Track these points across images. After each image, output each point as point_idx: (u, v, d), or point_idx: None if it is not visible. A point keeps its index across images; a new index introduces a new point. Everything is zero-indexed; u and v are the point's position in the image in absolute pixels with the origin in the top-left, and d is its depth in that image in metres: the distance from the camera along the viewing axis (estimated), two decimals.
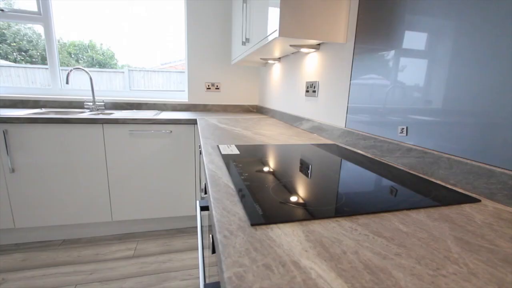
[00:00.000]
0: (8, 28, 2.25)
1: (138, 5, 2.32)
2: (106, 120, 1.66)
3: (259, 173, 0.66)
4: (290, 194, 0.54)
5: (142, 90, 2.63)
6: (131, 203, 1.82)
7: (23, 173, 1.62)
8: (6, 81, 2.47)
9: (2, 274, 1.49)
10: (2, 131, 1.54)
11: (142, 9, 2.36)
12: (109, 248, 1.76)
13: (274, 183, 0.60)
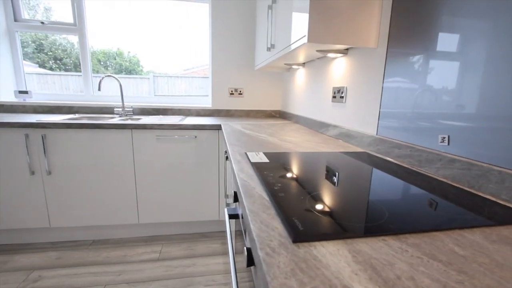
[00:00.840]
0: (45, 38, 2.40)
1: (164, 13, 2.40)
2: (135, 126, 1.71)
3: (292, 183, 0.65)
4: (327, 207, 0.52)
5: (166, 95, 2.70)
6: (157, 206, 1.87)
7: (59, 175, 1.71)
8: (44, 88, 2.64)
9: (38, 271, 1.58)
10: (41, 135, 1.63)
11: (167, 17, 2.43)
12: (135, 250, 1.80)
13: (309, 195, 0.58)
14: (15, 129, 1.61)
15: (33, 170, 1.68)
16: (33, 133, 1.63)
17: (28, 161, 1.65)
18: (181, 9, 2.42)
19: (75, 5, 2.20)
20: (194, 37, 2.52)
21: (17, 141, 1.63)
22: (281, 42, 1.39)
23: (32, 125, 1.61)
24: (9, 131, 1.61)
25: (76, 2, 2.18)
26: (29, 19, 2.20)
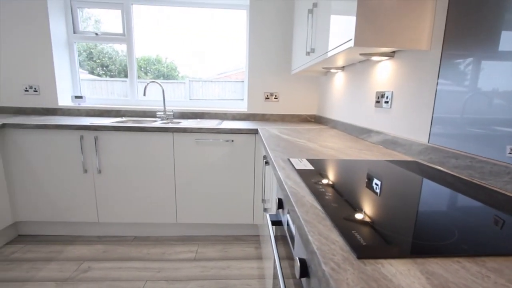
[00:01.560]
0: (95, 47, 2.62)
1: (201, 20, 2.51)
2: (176, 129, 1.79)
3: (343, 193, 0.62)
4: (385, 221, 0.49)
5: (200, 99, 2.80)
6: (194, 207, 1.93)
7: (107, 174, 1.85)
8: (93, 93, 2.88)
9: (88, 262, 1.71)
10: (94, 137, 1.78)
11: (203, 24, 2.53)
12: (173, 249, 1.88)
13: (365, 207, 0.55)
14: (72, 131, 1.78)
15: (86, 169, 1.83)
16: (87, 134, 1.78)
17: (82, 160, 1.81)
18: (217, 16, 2.51)
19: (124, 16, 2.37)
20: (228, 42, 2.59)
21: (74, 142, 1.79)
22: (322, 46, 1.37)
23: (86, 127, 1.76)
24: (68, 133, 1.78)
25: (126, 14, 2.36)
26: (85, 31, 2.42)
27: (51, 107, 2.30)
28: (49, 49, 2.22)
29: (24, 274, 1.58)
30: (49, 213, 1.89)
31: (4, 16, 2.16)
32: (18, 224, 1.95)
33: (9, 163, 1.80)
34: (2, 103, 2.30)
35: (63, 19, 2.31)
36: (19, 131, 1.77)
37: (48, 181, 1.84)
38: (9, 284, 1.50)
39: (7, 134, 1.77)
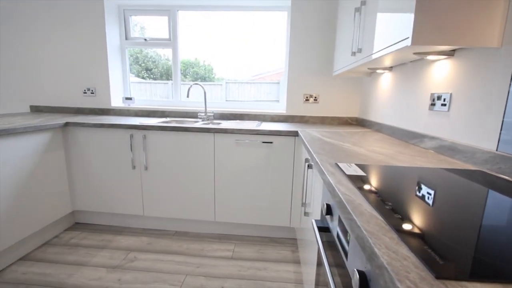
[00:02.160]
0: (140, 52, 2.80)
1: (238, 23, 2.55)
2: (217, 130, 1.84)
3: (403, 203, 0.58)
4: (460, 236, 0.44)
5: (236, 100, 2.85)
6: (232, 206, 1.96)
7: (153, 171, 1.96)
8: (139, 95, 3.09)
9: (134, 253, 1.83)
10: (142, 136, 1.90)
11: (241, 26, 2.57)
12: (211, 246, 1.93)
13: (431, 220, 0.51)
14: (123, 130, 1.92)
15: (134, 165, 1.96)
16: (136, 133, 1.91)
17: (132, 157, 1.94)
18: (253, 19, 2.53)
19: (170, 22, 2.50)
20: (263, 44, 2.61)
21: (124, 140, 1.93)
22: (370, 46, 1.30)
23: (136, 126, 1.89)
24: (119, 131, 1.92)
25: (172, 20, 2.49)
26: (136, 37, 2.60)
27: (105, 108, 2.52)
28: (105, 55, 2.43)
29: (81, 258, 1.74)
30: (101, 204, 2.06)
31: (66, 26, 2.41)
32: (75, 212, 2.16)
33: (70, 158, 2.01)
34: (65, 104, 2.57)
35: (117, 26, 2.51)
36: (79, 129, 1.96)
37: (101, 175, 2.01)
38: (69, 267, 1.66)
39: (69, 132, 1.97)
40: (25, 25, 2.46)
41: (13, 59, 2.54)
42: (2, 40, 2.51)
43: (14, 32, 2.49)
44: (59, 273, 1.60)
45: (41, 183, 1.79)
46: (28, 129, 1.64)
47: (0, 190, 1.53)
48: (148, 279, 1.57)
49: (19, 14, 2.45)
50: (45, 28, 2.44)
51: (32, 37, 2.48)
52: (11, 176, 1.59)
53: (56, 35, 2.45)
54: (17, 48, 2.51)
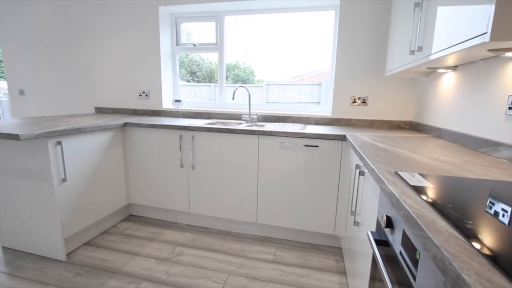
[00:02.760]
0: (186, 57, 2.94)
1: (280, 25, 2.54)
2: (262, 132, 1.85)
3: (487, 222, 0.51)
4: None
5: (276, 102, 2.84)
6: (274, 209, 1.95)
7: (199, 170, 2.04)
8: (184, 97, 3.26)
9: (181, 247, 1.92)
10: (191, 136, 1.99)
11: (283, 28, 2.56)
12: (252, 247, 1.94)
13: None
14: (174, 130, 2.03)
15: (183, 164, 2.06)
16: (185, 134, 2.01)
17: (180, 156, 2.05)
18: (296, 20, 2.49)
19: (218, 27, 2.59)
20: (304, 45, 2.55)
21: (174, 140, 2.05)
22: (432, 44, 1.19)
23: (185, 127, 1.99)
24: (170, 132, 2.04)
25: (219, 25, 2.57)
26: (186, 42, 2.74)
27: (157, 109, 2.70)
28: (158, 60, 2.61)
29: (134, 248, 1.89)
30: (152, 199, 2.21)
31: (125, 34, 2.64)
32: (130, 205, 2.35)
33: (127, 155, 2.19)
34: (123, 105, 2.82)
35: (169, 33, 2.68)
36: (135, 129, 2.13)
37: (153, 172, 2.15)
38: (124, 255, 1.81)
39: (127, 131, 2.15)
40: (92, 37, 2.76)
41: (82, 66, 2.87)
42: (74, 51, 2.85)
43: (83, 43, 2.81)
44: (116, 260, 1.75)
45: (103, 177, 1.99)
46: (94, 128, 1.83)
47: (73, 181, 1.72)
48: (193, 274, 1.64)
49: (87, 27, 2.76)
50: (107, 37, 2.71)
51: (96, 46, 2.77)
52: (81, 169, 1.79)
53: (116, 43, 2.70)
54: (84, 57, 2.83)
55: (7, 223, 1.79)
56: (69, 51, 2.88)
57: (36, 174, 1.62)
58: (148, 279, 1.59)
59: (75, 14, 2.77)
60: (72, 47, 2.86)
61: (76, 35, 2.82)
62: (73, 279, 1.57)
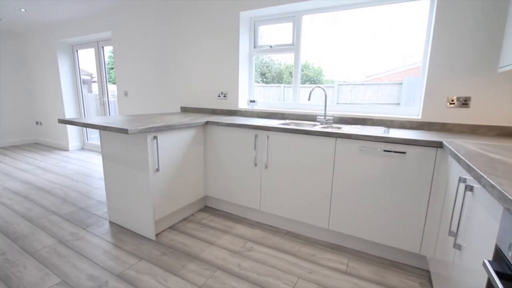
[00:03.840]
0: (257, 58, 3.01)
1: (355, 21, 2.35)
2: (340, 135, 1.75)
3: None
4: None
5: (348, 103, 2.65)
6: (348, 217, 1.83)
7: (272, 170, 2.07)
8: (256, 98, 3.35)
9: (251, 243, 1.98)
10: (266, 136, 2.04)
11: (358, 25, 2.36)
12: (323, 254, 1.86)
13: None
14: (249, 130, 2.11)
15: (256, 163, 2.13)
16: (260, 134, 2.07)
17: (255, 155, 2.12)
18: (377, 13, 2.27)
19: (295, 28, 2.58)
20: (383, 41, 2.30)
21: (250, 139, 2.12)
22: None
23: (260, 127, 2.04)
24: (246, 131, 2.13)
25: (296, 25, 2.56)
26: (262, 45, 2.82)
27: (233, 109, 2.86)
28: (236, 63, 2.76)
29: (210, 238, 2.04)
30: (226, 193, 2.35)
31: (208, 38, 2.87)
32: (206, 197, 2.55)
33: (206, 151, 2.38)
34: (204, 105, 3.08)
35: (247, 36, 2.80)
36: (215, 127, 2.29)
37: (228, 168, 2.28)
38: (201, 243, 1.97)
39: (208, 129, 2.34)
40: (180, 43, 3.10)
41: (172, 70, 3.25)
42: (166, 56, 3.25)
43: (173, 49, 3.17)
44: (194, 246, 1.92)
45: (187, 169, 2.20)
46: (182, 125, 2.05)
47: (164, 171, 1.97)
48: (264, 272, 1.67)
49: (177, 34, 3.11)
50: (193, 43, 3.00)
51: (184, 50, 3.09)
52: (170, 162, 2.02)
53: (200, 48, 2.96)
54: (174, 61, 3.20)
55: (114, 202, 2.16)
56: (162, 56, 3.30)
57: (137, 163, 1.90)
58: (222, 268, 1.69)
59: (169, 21, 3.16)
60: (164, 52, 3.27)
61: (168, 41, 3.21)
62: (160, 257, 1.79)
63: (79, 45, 4.57)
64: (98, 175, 3.47)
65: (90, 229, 2.12)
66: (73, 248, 1.86)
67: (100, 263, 1.71)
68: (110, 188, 2.15)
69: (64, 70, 4.63)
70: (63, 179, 3.31)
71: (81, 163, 4.08)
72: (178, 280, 1.58)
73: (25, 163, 3.98)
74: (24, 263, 1.69)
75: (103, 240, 1.97)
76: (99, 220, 2.26)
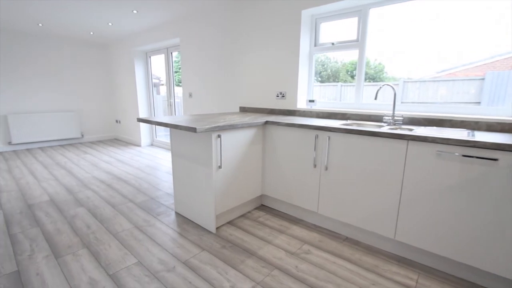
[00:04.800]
0: (317, 59, 2.90)
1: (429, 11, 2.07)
2: (413, 137, 1.59)
3: None
4: None
5: (414, 102, 2.37)
6: (419, 229, 1.65)
7: (332, 172, 1.99)
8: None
9: (308, 246, 1.94)
10: (327, 137, 1.97)
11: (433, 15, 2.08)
12: (388, 266, 1.72)
13: None
14: (310, 130, 2.07)
15: (316, 164, 2.07)
16: (321, 134, 2.01)
17: (314, 156, 2.07)
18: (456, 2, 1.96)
19: (360, 22, 2.43)
20: (457, 31, 1.98)
21: (309, 140, 2.08)
22: None
23: (322, 128, 1.98)
24: (306, 131, 2.09)
25: (362, 20, 2.41)
26: (324, 42, 2.74)
27: (291, 109, 2.84)
28: (296, 62, 2.73)
29: (266, 236, 2.06)
30: (282, 193, 2.35)
31: (267, 38, 2.90)
32: (263, 196, 2.59)
33: (265, 150, 2.42)
34: (262, 105, 3.13)
35: (308, 34, 2.75)
36: (274, 127, 2.31)
37: (285, 168, 2.28)
38: (258, 240, 2.00)
39: (267, 129, 2.37)
40: (241, 44, 3.21)
41: (232, 71, 3.39)
42: (227, 57, 3.41)
43: (235, 51, 3.30)
44: (252, 243, 1.96)
45: (246, 168, 2.27)
46: (244, 125, 2.12)
47: (226, 168, 2.06)
48: (322, 276, 1.62)
49: (239, 36, 3.22)
50: (254, 44, 3.07)
51: (245, 51, 3.19)
52: (231, 160, 2.11)
53: (260, 48, 3.01)
54: (234, 62, 3.33)
55: (180, 195, 2.35)
56: (224, 58, 3.46)
57: (201, 160, 2.03)
58: (279, 268, 1.69)
59: (231, 25, 3.30)
60: (226, 54, 3.43)
61: (230, 43, 3.35)
62: (220, 250, 1.88)
63: (152, 51, 5.11)
64: (164, 169, 3.83)
65: (160, 217, 2.35)
66: (146, 233, 2.09)
67: (168, 249, 1.88)
68: (177, 182, 2.35)
69: (139, 74, 5.23)
70: (137, 171, 3.74)
71: (150, 157, 4.56)
72: (238, 274, 1.64)
73: (108, 156, 4.62)
74: (109, 242, 1.95)
75: (170, 228, 2.16)
76: (167, 210, 2.49)
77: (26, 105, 5.00)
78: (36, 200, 2.71)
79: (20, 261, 1.73)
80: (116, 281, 1.55)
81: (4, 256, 1.79)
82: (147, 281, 1.56)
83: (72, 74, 5.48)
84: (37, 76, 5.05)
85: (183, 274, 1.63)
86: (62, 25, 4.29)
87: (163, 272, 1.64)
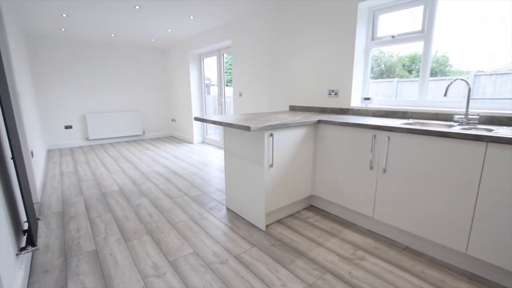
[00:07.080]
0: (373, 55, 2.69)
1: None
2: (493, 138, 1.38)
3: None
4: None
5: (486, 98, 2.03)
6: (496, 243, 1.44)
7: (392, 175, 1.85)
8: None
9: (362, 252, 1.84)
10: (387, 137, 1.83)
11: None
12: (457, 283, 1.53)
13: None
14: (366, 130, 1.95)
15: (372, 166, 1.95)
16: (379, 134, 1.88)
17: (371, 157, 1.94)
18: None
19: (427, 11, 2.20)
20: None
21: (366, 140, 1.96)
22: None
23: (380, 127, 1.85)
24: (362, 131, 1.98)
25: (429, 8, 2.18)
26: (382, 36, 2.55)
27: (344, 107, 2.72)
28: (351, 58, 2.60)
29: (317, 238, 2.01)
30: (334, 195, 2.26)
31: (319, 34, 2.81)
32: (312, 196, 2.54)
33: (316, 150, 2.36)
34: (312, 104, 3.06)
35: (365, 28, 2.59)
36: (327, 126, 2.24)
37: (338, 169, 2.19)
38: (308, 241, 1.97)
39: (319, 128, 2.31)
40: (292, 42, 3.18)
41: (282, 70, 3.38)
42: (277, 57, 3.41)
43: (285, 50, 3.29)
44: (302, 244, 1.94)
45: (296, 167, 2.25)
46: (296, 124, 2.09)
47: (277, 167, 2.07)
48: (378, 286, 1.52)
49: (289, 35, 3.19)
50: (305, 41, 3.01)
51: (296, 50, 3.15)
52: (282, 158, 2.11)
53: (312, 45, 2.94)
54: (284, 61, 3.31)
55: (231, 191, 2.44)
56: (274, 57, 3.47)
57: (254, 158, 2.07)
58: (332, 272, 1.64)
59: (281, 24, 3.29)
60: (276, 53, 3.43)
61: (280, 42, 3.35)
62: (270, 247, 1.90)
63: (205, 54, 5.38)
64: (215, 166, 4.01)
65: (212, 211, 2.47)
66: (200, 225, 2.21)
67: (221, 242, 1.96)
68: (229, 178, 2.43)
69: (193, 76, 5.56)
70: (191, 167, 3.99)
71: (202, 154, 4.82)
72: (288, 273, 1.63)
73: (165, 152, 5.03)
74: (168, 231, 2.12)
75: (222, 223, 2.26)
76: (219, 205, 2.61)
77: (100, 105, 5.73)
78: (108, 189, 3.08)
79: (98, 242, 1.99)
80: (175, 268, 1.68)
81: (85, 236, 2.07)
82: (203, 271, 1.66)
83: (136, 77, 6.10)
84: (109, 80, 5.75)
85: (235, 268, 1.68)
86: (130, 34, 4.79)
87: (216, 264, 1.72)
